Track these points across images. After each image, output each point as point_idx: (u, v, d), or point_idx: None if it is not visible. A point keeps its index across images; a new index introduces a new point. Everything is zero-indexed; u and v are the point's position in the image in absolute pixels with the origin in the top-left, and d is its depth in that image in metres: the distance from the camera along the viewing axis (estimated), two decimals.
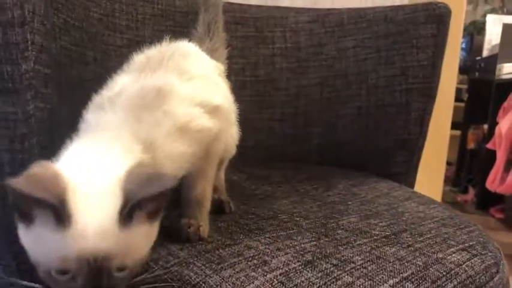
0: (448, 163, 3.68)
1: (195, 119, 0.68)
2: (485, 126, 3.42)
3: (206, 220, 0.73)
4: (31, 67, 0.58)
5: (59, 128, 0.71)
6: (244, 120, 0.91)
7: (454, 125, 2.33)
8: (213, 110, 0.72)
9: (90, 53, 1.02)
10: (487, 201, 3.18)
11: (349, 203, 0.91)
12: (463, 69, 3.97)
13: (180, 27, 1.20)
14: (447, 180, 3.82)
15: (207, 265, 0.63)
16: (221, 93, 0.80)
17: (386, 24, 1.21)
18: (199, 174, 0.72)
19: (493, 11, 4.20)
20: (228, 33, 1.28)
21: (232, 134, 0.87)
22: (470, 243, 0.76)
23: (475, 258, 0.71)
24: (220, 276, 0.60)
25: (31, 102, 0.59)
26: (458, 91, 3.41)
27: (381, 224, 0.80)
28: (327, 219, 0.80)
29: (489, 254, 0.74)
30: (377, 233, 0.76)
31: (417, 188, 1.22)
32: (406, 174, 1.21)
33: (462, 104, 3.79)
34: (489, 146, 3.06)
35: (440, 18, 1.15)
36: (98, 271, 0.50)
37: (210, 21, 0.99)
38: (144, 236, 0.54)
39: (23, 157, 0.60)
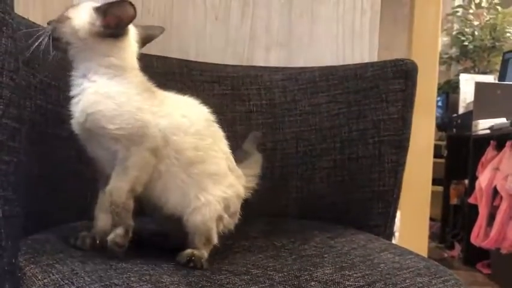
0: (433, 219, 3.70)
1: None
2: (466, 181, 3.44)
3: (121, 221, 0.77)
4: None
5: (29, 182, 0.72)
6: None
7: (436, 181, 2.36)
8: None
9: (66, 112, 1.03)
10: (474, 256, 3.16)
11: (325, 255, 0.90)
12: (441, 126, 4.09)
13: None
14: (433, 237, 3.81)
15: None
16: None
17: (356, 80, 1.25)
18: (118, 172, 0.77)
19: (466, 70, 4.37)
20: (205, 91, 1.33)
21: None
22: None
23: None
24: None
25: None
26: (438, 147, 3.48)
27: (355, 275, 0.79)
28: (300, 272, 0.79)
29: None
30: (351, 283, 0.75)
31: (403, 245, 1.20)
32: (384, 226, 1.21)
33: (442, 160, 3.85)
34: (471, 200, 3.08)
35: (407, 73, 1.19)
36: None
37: None
38: None
39: None
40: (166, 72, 1.28)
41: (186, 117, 0.83)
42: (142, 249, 0.81)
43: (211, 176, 0.83)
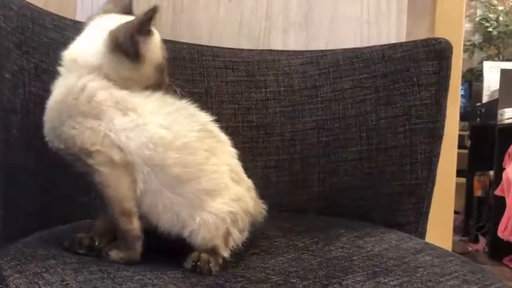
0: (456, 212, 3.61)
1: None
2: (491, 173, 3.38)
3: (129, 251, 0.70)
4: None
5: (17, 179, 0.63)
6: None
7: (459, 173, 2.26)
8: None
9: None
10: (500, 250, 3.09)
11: (354, 258, 0.81)
12: (463, 116, 3.98)
13: None
14: (456, 230, 3.72)
15: None
16: None
17: (384, 63, 1.15)
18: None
19: (489, 57, 4.26)
20: (218, 78, 1.23)
21: None
22: None
23: None
24: None
25: None
26: (461, 138, 3.39)
27: (392, 283, 0.70)
28: (328, 279, 0.70)
29: None
30: None
31: (426, 239, 1.13)
32: (416, 224, 1.11)
33: (465, 151, 3.76)
34: (497, 192, 3.01)
35: (442, 53, 1.09)
36: None
37: None
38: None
39: None
40: (175, 58, 1.18)
41: (168, 129, 0.72)
42: (145, 253, 0.72)
43: (208, 192, 0.73)
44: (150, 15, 0.72)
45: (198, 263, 0.70)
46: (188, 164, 0.72)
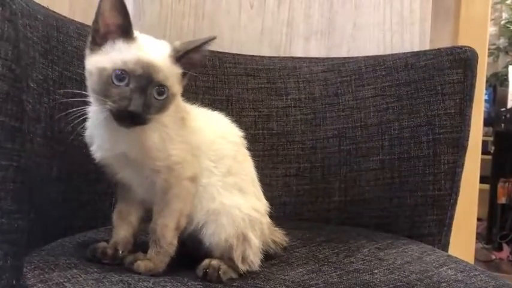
0: (479, 219, 3.53)
1: None
2: None
3: (161, 263, 0.70)
4: None
5: (42, 186, 0.63)
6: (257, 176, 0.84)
7: (482, 179, 2.21)
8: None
9: None
10: None
11: (375, 271, 0.79)
12: (487, 121, 3.89)
13: None
14: (478, 237, 3.63)
15: None
16: None
17: (407, 71, 1.14)
18: (161, 207, 0.72)
19: None
20: (239, 85, 1.23)
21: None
22: None
23: None
24: None
25: None
26: (484, 143, 3.31)
27: None
28: None
29: None
30: None
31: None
32: (439, 235, 1.08)
33: (489, 157, 3.68)
34: None
35: (466, 62, 1.07)
36: (147, 78, 0.67)
37: None
38: (175, 78, 0.71)
39: None
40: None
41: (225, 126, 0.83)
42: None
43: (241, 189, 0.79)
44: None
45: (207, 270, 0.70)
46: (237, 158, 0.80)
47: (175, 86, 0.71)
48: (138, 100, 0.65)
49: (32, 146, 0.78)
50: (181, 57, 0.71)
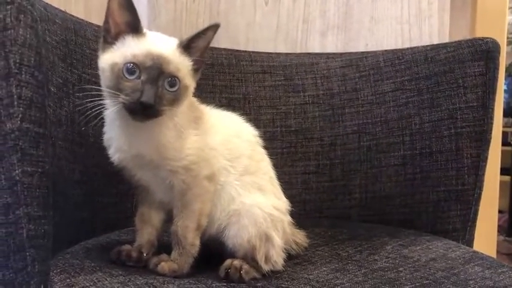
0: (500, 211, 3.47)
1: None
2: None
3: (185, 264, 0.71)
4: (17, 125, 0.50)
5: (64, 189, 0.63)
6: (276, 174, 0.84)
7: (503, 171, 2.17)
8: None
9: None
10: None
11: (400, 269, 0.78)
12: (506, 112, 3.82)
13: None
14: (500, 230, 3.57)
15: None
16: None
17: (427, 64, 1.11)
18: (180, 208, 0.72)
19: None
20: (256, 83, 1.23)
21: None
22: None
23: None
24: None
25: (17, 166, 0.51)
26: (504, 135, 3.25)
27: None
28: None
29: None
30: None
31: None
32: (463, 231, 1.06)
33: (509, 148, 3.61)
34: None
35: (489, 54, 1.04)
36: (158, 69, 0.67)
37: None
38: (186, 70, 0.72)
39: (8, 231, 0.50)
40: (213, 64, 1.19)
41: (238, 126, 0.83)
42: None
43: (261, 187, 0.79)
44: None
45: (229, 270, 0.70)
46: (253, 157, 0.80)
47: (187, 78, 0.72)
48: (150, 91, 0.66)
49: (54, 150, 0.78)
50: (187, 46, 0.72)
